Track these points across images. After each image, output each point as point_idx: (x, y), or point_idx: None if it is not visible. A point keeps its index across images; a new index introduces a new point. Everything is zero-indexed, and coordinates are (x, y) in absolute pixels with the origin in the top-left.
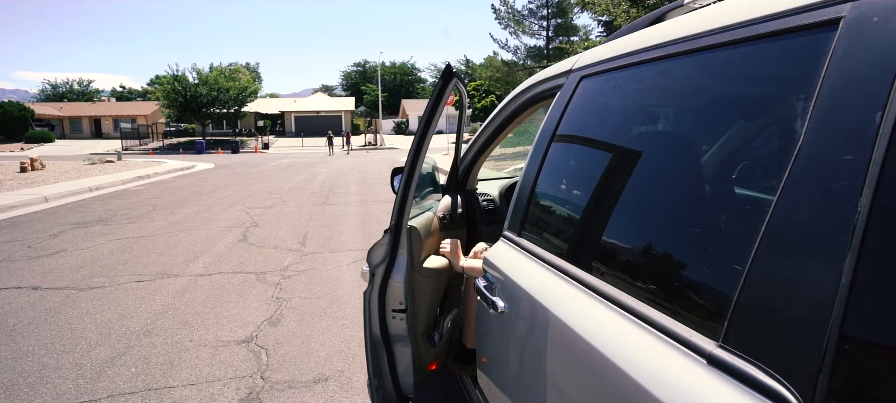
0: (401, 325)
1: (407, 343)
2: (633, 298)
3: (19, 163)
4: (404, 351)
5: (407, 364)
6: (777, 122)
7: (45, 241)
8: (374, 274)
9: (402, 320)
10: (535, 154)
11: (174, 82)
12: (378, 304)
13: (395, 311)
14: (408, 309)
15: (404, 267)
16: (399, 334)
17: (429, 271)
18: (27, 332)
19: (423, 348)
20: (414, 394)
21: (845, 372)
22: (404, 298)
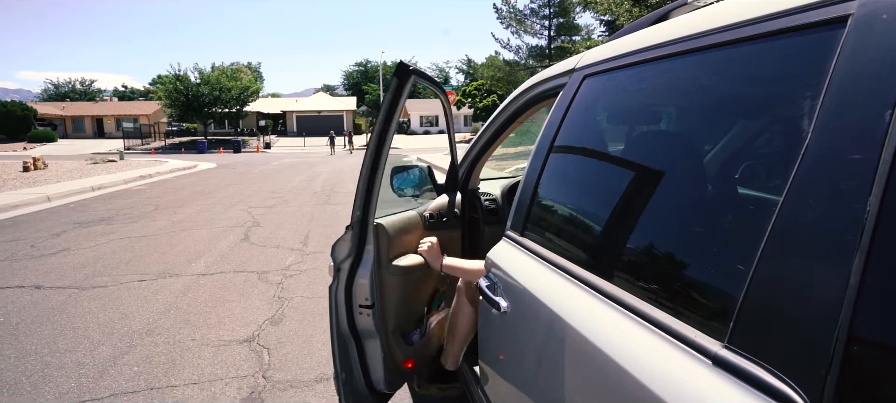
0: (369, 321)
1: (376, 338)
2: (636, 298)
3: (22, 163)
4: (374, 347)
5: (378, 360)
6: (783, 121)
7: (48, 240)
8: (339, 269)
9: (369, 316)
10: (537, 153)
11: (176, 82)
12: (345, 299)
13: (362, 307)
14: (375, 305)
15: (371, 264)
16: (368, 330)
17: (398, 269)
18: (30, 331)
19: (396, 345)
20: (387, 390)
21: (854, 374)
22: (370, 294)
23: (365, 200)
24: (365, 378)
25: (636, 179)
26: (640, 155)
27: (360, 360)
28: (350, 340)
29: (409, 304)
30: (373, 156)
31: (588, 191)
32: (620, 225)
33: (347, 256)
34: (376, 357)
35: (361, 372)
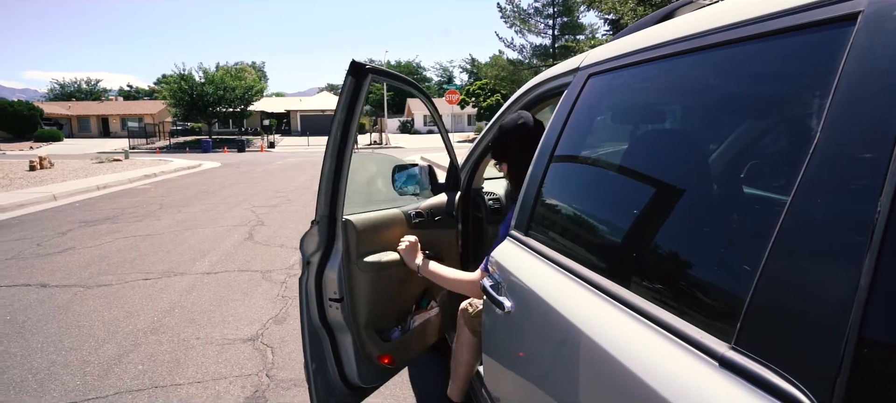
0: (339, 314)
1: (347, 332)
2: (642, 298)
3: (29, 162)
4: (347, 341)
5: (350, 354)
6: (791, 120)
7: (54, 239)
8: (308, 262)
9: (339, 309)
10: (541, 152)
11: (181, 81)
12: (315, 292)
13: (331, 300)
14: (344, 298)
15: (340, 259)
16: (338, 323)
17: (367, 265)
18: (36, 329)
19: (369, 340)
20: (362, 383)
21: (864, 376)
22: (338, 288)
23: (331, 197)
24: (339, 370)
25: (641, 179)
26: (645, 154)
27: (334, 353)
28: (322, 332)
29: (387, 301)
30: (335, 158)
31: (592, 191)
32: (625, 225)
33: (316, 250)
34: (349, 350)
35: (335, 365)
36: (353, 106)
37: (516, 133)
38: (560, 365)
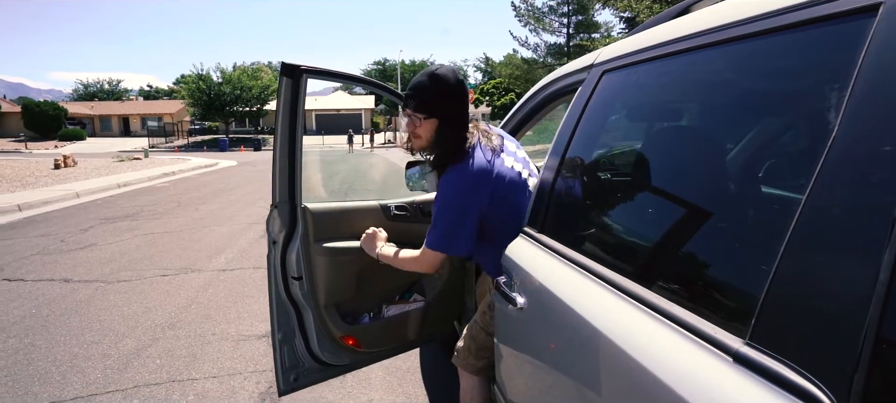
0: (299, 292)
1: (307, 309)
2: (655, 294)
3: (54, 160)
4: (309, 316)
5: (313, 329)
6: (808, 115)
7: (76, 236)
8: (275, 241)
9: (299, 287)
10: (555, 149)
11: (199, 81)
12: (281, 269)
13: (293, 279)
14: (303, 278)
15: (298, 241)
16: (300, 300)
17: (324, 249)
18: (59, 323)
19: (330, 320)
20: (326, 359)
21: (883, 373)
22: (296, 268)
23: (289, 186)
24: (305, 344)
25: (655, 175)
26: (659, 151)
27: (300, 327)
28: (289, 306)
29: (352, 286)
30: (288, 153)
31: (606, 187)
32: (639, 222)
33: (280, 231)
34: (312, 326)
35: (302, 339)
36: (294, 105)
37: (456, 85)
38: (573, 362)
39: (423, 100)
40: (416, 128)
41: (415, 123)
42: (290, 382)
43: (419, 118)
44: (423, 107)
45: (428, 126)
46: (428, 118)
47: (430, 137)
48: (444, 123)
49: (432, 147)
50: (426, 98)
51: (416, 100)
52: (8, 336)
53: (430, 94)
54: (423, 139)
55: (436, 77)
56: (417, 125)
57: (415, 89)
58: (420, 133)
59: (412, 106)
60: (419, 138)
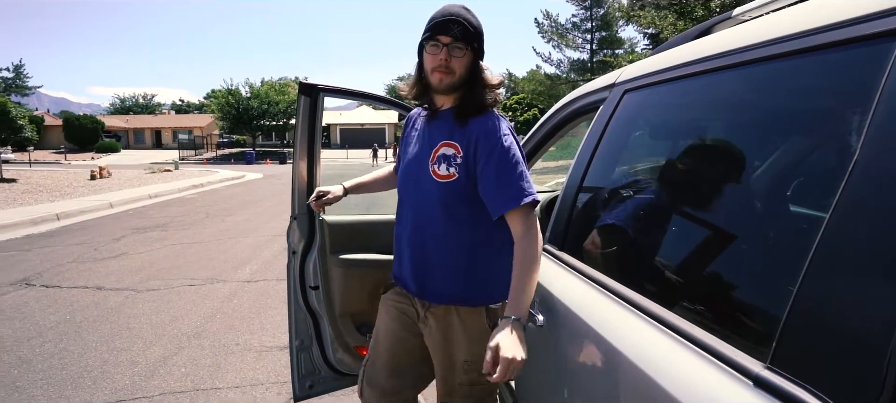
0: (316, 301)
1: (324, 317)
2: (675, 315)
3: (90, 172)
4: (325, 325)
5: (329, 338)
6: (831, 137)
7: (109, 244)
8: (294, 252)
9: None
10: (576, 167)
11: (228, 96)
12: (299, 278)
13: (311, 287)
14: (320, 287)
15: (316, 251)
16: (318, 309)
17: (339, 260)
18: (92, 329)
19: (344, 329)
20: (339, 367)
21: None
22: (313, 277)
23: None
24: (321, 352)
25: (676, 195)
26: (680, 170)
27: (318, 336)
28: (307, 315)
29: (367, 297)
30: (307, 170)
31: (627, 206)
32: (660, 241)
33: (299, 242)
34: (328, 335)
35: (319, 347)
36: (312, 121)
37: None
38: (592, 381)
39: (466, 28)
40: (451, 60)
41: (453, 55)
42: (306, 389)
43: (460, 47)
44: (467, 35)
45: (466, 60)
46: (467, 50)
47: (465, 74)
48: (479, 59)
49: (465, 85)
50: (469, 27)
51: (461, 27)
52: (44, 340)
53: (471, 24)
54: (457, 74)
55: (468, 8)
56: (456, 57)
57: (455, 16)
58: (455, 66)
59: (457, 32)
60: (453, 73)
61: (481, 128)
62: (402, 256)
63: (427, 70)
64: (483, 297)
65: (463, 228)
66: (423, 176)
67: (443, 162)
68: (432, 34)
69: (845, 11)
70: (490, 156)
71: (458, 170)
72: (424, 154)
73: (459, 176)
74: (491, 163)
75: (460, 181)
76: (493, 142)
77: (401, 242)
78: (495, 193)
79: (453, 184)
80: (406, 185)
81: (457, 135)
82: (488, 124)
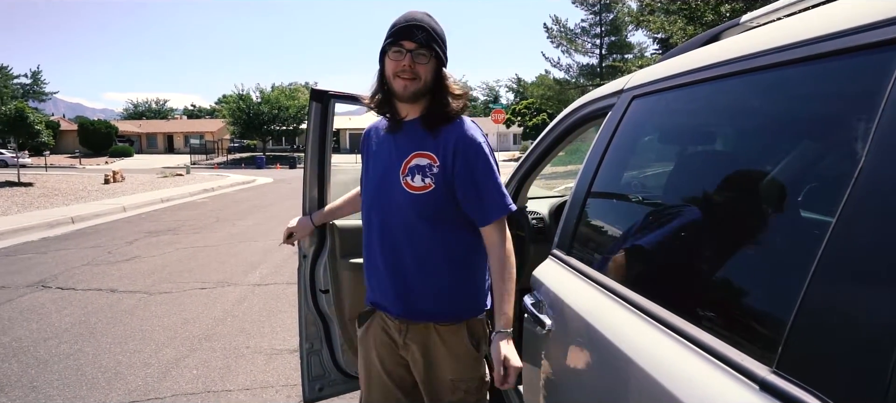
0: (326, 305)
1: (334, 321)
2: (681, 318)
3: (104, 176)
4: (335, 328)
5: (339, 341)
6: (837, 142)
7: (122, 248)
8: (305, 255)
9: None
10: (585, 173)
11: (239, 101)
12: (310, 282)
13: (321, 291)
14: (330, 291)
15: (326, 255)
16: (328, 313)
17: (351, 265)
18: (106, 331)
19: (354, 332)
20: (349, 370)
21: None
22: (323, 281)
23: (319, 204)
24: (331, 355)
25: (683, 200)
26: (687, 176)
27: (328, 339)
28: (317, 318)
29: None
30: (317, 172)
31: (634, 212)
32: (666, 246)
33: (310, 246)
34: (338, 338)
35: (329, 350)
36: (323, 127)
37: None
38: (599, 385)
39: (430, 34)
40: (415, 66)
41: (417, 61)
42: (316, 391)
43: (424, 54)
44: (431, 41)
45: (431, 66)
46: (431, 56)
47: (430, 80)
48: (443, 66)
49: (431, 92)
50: (433, 33)
51: (425, 33)
52: (60, 341)
53: (435, 31)
54: (422, 80)
55: (431, 16)
56: (421, 62)
57: (419, 22)
58: (421, 72)
59: (421, 38)
60: (419, 79)
61: (458, 136)
62: (379, 279)
63: (389, 77)
64: (466, 310)
65: (443, 240)
66: (395, 190)
67: (416, 173)
68: (395, 40)
69: (851, 19)
70: (474, 165)
71: (435, 180)
72: (394, 167)
73: (437, 186)
74: (476, 172)
75: (437, 191)
76: (475, 149)
77: (375, 265)
78: (482, 202)
79: (430, 194)
80: (376, 203)
81: (429, 145)
82: (465, 131)
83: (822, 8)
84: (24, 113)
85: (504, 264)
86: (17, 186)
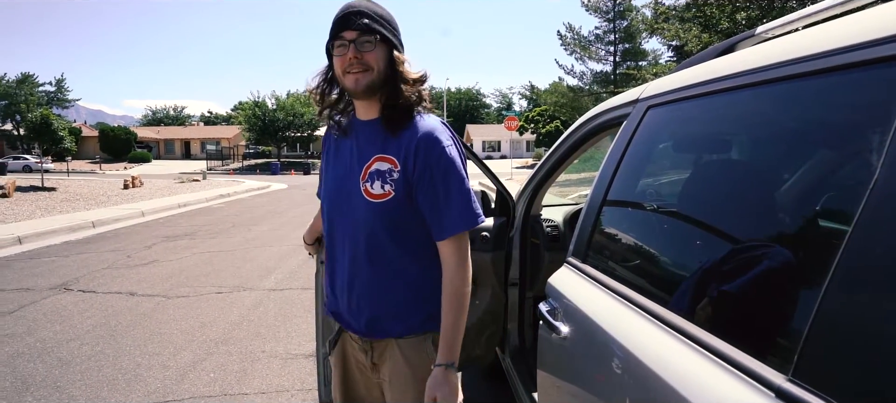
0: None
1: None
2: (696, 326)
3: (123, 181)
4: None
5: None
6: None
7: (141, 252)
8: (322, 261)
9: None
10: (600, 182)
11: (255, 108)
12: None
13: None
14: None
15: None
16: None
17: None
18: (125, 333)
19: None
20: None
21: None
22: None
23: None
24: None
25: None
26: (703, 185)
27: None
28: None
29: None
30: None
31: (650, 220)
32: (680, 254)
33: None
34: None
35: None
36: None
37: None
38: (614, 392)
39: (373, 18)
40: (365, 55)
41: (363, 50)
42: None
43: (369, 40)
44: (374, 24)
45: (381, 52)
46: (378, 41)
47: (384, 67)
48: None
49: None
50: (375, 16)
51: (368, 18)
52: (82, 343)
53: (377, 13)
54: (375, 69)
55: (372, 1)
56: (367, 50)
57: (356, 8)
58: (371, 60)
59: (361, 24)
60: (371, 70)
61: (420, 135)
62: (340, 292)
63: (340, 76)
64: (429, 321)
65: (405, 252)
66: (354, 197)
67: (376, 178)
68: (336, 33)
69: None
70: (434, 169)
71: (395, 187)
72: (354, 173)
73: (397, 193)
74: (436, 178)
75: (398, 198)
76: (437, 151)
77: (334, 277)
78: (441, 213)
79: (389, 202)
80: (335, 211)
81: (391, 147)
82: (428, 130)
83: (838, 21)
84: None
85: (456, 291)
86: (41, 191)
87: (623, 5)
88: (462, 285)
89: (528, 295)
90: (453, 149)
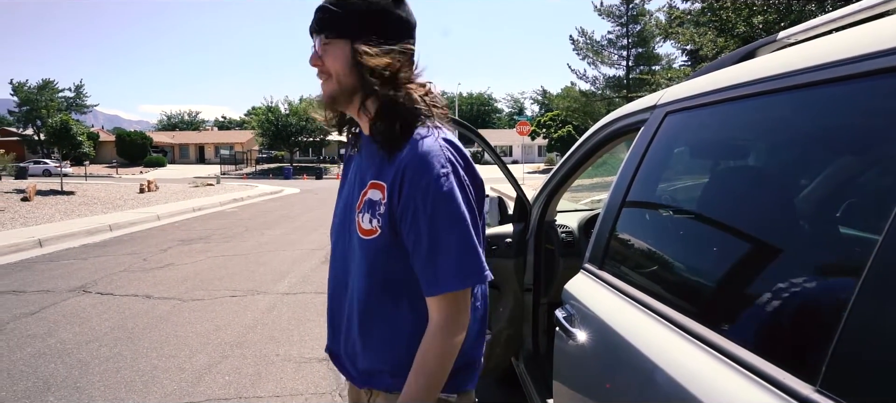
0: None
1: None
2: (719, 335)
3: (139, 185)
4: None
5: None
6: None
7: (157, 255)
8: None
9: None
10: (617, 188)
11: (268, 113)
12: None
13: None
14: None
15: None
16: None
17: None
18: (142, 336)
19: None
20: None
21: None
22: None
23: None
24: None
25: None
26: (724, 192)
27: None
28: None
29: None
30: None
31: (669, 227)
32: (702, 262)
33: None
34: None
35: None
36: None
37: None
38: (633, 400)
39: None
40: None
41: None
42: None
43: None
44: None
45: (340, 51)
46: (334, 38)
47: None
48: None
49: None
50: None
51: (320, 11)
52: (101, 345)
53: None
54: (333, 76)
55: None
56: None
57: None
58: (329, 65)
59: (312, 25)
60: (330, 77)
61: (408, 158)
62: (336, 332)
63: None
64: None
65: (399, 300)
66: (351, 229)
67: (367, 211)
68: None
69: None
70: (419, 204)
71: (382, 223)
72: (353, 200)
73: (383, 230)
74: (418, 216)
75: (384, 237)
76: (424, 181)
77: (332, 314)
78: (425, 263)
79: (377, 241)
80: (337, 244)
81: (385, 171)
82: (419, 152)
83: (861, 27)
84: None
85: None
86: (60, 195)
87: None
88: (441, 356)
89: (542, 302)
90: (449, 180)
